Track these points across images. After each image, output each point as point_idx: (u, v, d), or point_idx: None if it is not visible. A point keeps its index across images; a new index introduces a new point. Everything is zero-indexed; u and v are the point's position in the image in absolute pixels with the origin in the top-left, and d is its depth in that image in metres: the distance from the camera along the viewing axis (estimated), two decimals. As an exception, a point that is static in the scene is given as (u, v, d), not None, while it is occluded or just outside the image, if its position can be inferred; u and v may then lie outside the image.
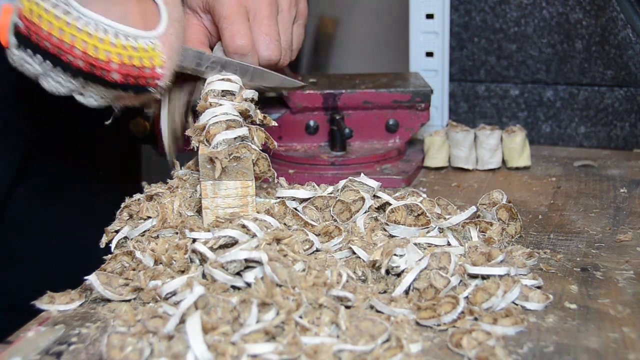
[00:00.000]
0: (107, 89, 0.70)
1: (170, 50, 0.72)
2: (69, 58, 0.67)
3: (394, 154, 0.99)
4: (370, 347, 0.56)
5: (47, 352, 0.58)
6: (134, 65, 0.69)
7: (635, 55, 1.05)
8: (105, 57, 0.68)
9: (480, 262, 0.66)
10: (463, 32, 1.13)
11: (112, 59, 0.68)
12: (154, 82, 0.71)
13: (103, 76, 0.69)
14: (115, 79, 0.69)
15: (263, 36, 0.80)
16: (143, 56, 0.69)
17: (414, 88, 1.00)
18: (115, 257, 0.70)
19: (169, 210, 0.74)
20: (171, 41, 0.72)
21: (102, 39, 0.68)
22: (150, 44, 0.70)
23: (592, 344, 0.58)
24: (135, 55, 0.69)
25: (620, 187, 0.93)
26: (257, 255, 0.62)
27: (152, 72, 0.70)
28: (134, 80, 0.70)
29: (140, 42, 0.69)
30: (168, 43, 0.71)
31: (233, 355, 0.54)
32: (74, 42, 0.67)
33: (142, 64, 0.69)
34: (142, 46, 0.69)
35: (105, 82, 0.69)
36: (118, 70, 0.69)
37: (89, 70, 0.68)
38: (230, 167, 0.70)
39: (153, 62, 0.70)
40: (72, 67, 0.68)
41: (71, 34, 0.67)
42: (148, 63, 0.70)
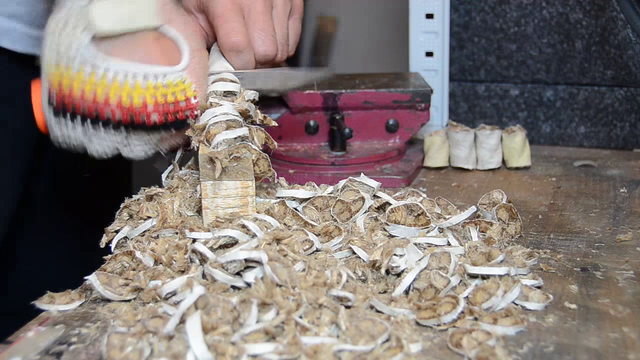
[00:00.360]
0: (150, 133, 0.71)
1: (199, 79, 0.73)
2: (107, 114, 0.69)
3: (394, 154, 0.99)
4: (370, 347, 0.56)
5: (47, 352, 0.58)
6: (169, 102, 0.70)
7: (635, 55, 1.05)
8: (141, 102, 0.69)
9: (480, 262, 0.66)
10: (463, 32, 1.13)
11: (148, 102, 0.69)
12: (192, 112, 0.72)
13: (143, 122, 0.70)
14: (155, 120, 0.70)
15: (258, 32, 0.80)
16: (175, 91, 0.71)
17: (414, 88, 1.00)
18: (115, 257, 0.70)
19: (169, 210, 0.74)
20: (197, 70, 0.73)
21: (132, 85, 0.69)
22: (179, 77, 0.71)
23: (592, 344, 0.58)
24: (168, 92, 0.70)
25: (620, 187, 0.93)
26: (257, 255, 0.62)
27: (187, 104, 0.71)
28: (172, 117, 0.71)
29: (169, 78, 0.70)
30: (194, 72, 0.72)
31: (233, 355, 0.54)
32: (108, 97, 0.68)
33: (176, 99, 0.71)
34: (171, 82, 0.70)
35: (147, 127, 0.70)
36: (156, 111, 0.70)
37: (128, 120, 0.69)
38: (230, 167, 0.70)
39: (186, 94, 0.71)
40: (112, 122, 0.69)
41: (103, 89, 0.68)
42: (181, 96, 0.71)
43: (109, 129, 0.69)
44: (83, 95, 0.68)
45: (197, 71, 0.73)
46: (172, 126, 0.71)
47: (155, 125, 0.70)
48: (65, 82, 0.68)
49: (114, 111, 0.69)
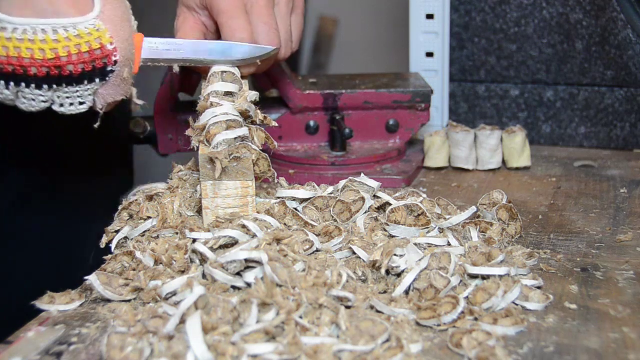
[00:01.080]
0: (73, 85, 0.71)
1: (114, 24, 0.72)
2: (23, 70, 0.69)
3: (394, 154, 0.99)
4: (370, 347, 0.56)
5: (47, 352, 0.58)
6: (83, 51, 0.70)
7: (635, 55, 1.05)
8: (53, 55, 0.69)
9: (480, 262, 0.66)
10: (463, 32, 1.13)
11: (60, 54, 0.69)
12: (110, 59, 0.71)
13: (59, 74, 0.70)
14: (72, 70, 0.70)
15: (261, 25, 0.81)
16: (89, 40, 0.70)
17: (414, 88, 1.00)
18: (115, 257, 0.70)
19: (169, 210, 0.74)
20: (112, 16, 0.72)
21: (43, 39, 0.69)
22: (91, 26, 0.70)
23: (592, 344, 0.58)
24: (81, 42, 0.70)
25: (620, 187, 0.93)
26: (257, 255, 0.62)
27: (102, 51, 0.71)
28: (89, 67, 0.70)
29: (80, 28, 0.70)
30: (109, 18, 0.71)
31: (233, 355, 0.54)
32: (20, 53, 0.68)
33: (91, 47, 0.70)
34: (83, 31, 0.70)
35: (66, 79, 0.70)
36: (70, 62, 0.70)
37: (44, 74, 0.69)
38: (230, 167, 0.70)
39: (101, 41, 0.71)
40: (29, 77, 0.69)
41: (14, 46, 0.68)
42: (96, 44, 0.70)
43: (30, 86, 0.70)
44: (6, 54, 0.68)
45: (111, 17, 0.72)
46: (92, 76, 0.71)
47: (74, 76, 0.70)
48: None
49: (29, 66, 0.69)
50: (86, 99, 0.73)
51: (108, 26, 0.71)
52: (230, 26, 0.80)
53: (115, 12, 0.72)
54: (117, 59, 0.72)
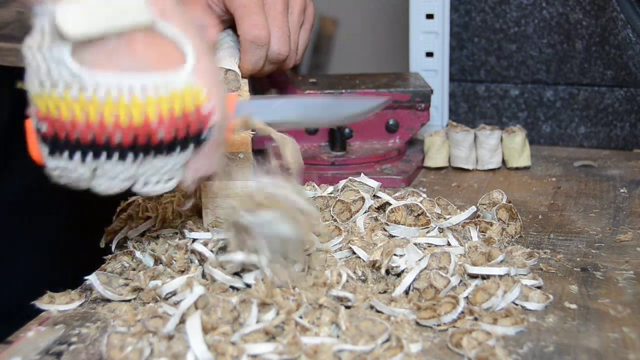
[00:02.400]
0: (161, 157, 0.58)
1: (210, 80, 0.59)
2: (105, 138, 0.56)
3: (394, 154, 0.99)
4: (370, 347, 0.56)
5: (47, 352, 0.58)
6: (176, 116, 0.57)
7: (635, 55, 1.05)
8: (142, 120, 0.56)
9: (480, 262, 0.66)
10: (463, 32, 1.13)
11: (150, 118, 0.56)
12: (206, 122, 0.58)
13: (149, 142, 0.57)
14: (162, 138, 0.57)
15: (276, 30, 0.81)
16: (183, 101, 0.57)
17: (414, 88, 1.00)
18: (115, 257, 0.70)
19: (169, 210, 0.74)
20: (206, 72, 0.59)
21: (129, 101, 0.55)
22: (185, 83, 0.57)
23: (592, 344, 0.58)
24: (174, 104, 0.56)
25: (620, 187, 0.93)
26: (255, 259, 0.62)
27: (198, 112, 0.58)
28: (183, 133, 0.57)
29: (172, 87, 0.56)
30: (204, 75, 0.58)
31: (233, 355, 0.54)
32: (103, 117, 0.55)
33: (185, 110, 0.57)
34: (176, 90, 0.56)
35: (155, 149, 0.57)
36: (161, 128, 0.56)
37: (130, 143, 0.56)
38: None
39: (196, 102, 0.57)
40: (111, 147, 0.56)
41: (95, 110, 0.55)
42: (191, 106, 0.57)
43: (112, 157, 0.57)
44: (74, 118, 0.55)
45: (206, 74, 0.58)
46: (184, 144, 0.58)
47: (164, 145, 0.57)
48: (52, 106, 0.55)
49: (113, 133, 0.56)
50: (175, 174, 0.60)
51: (203, 84, 0.58)
52: (250, 21, 0.79)
53: (210, 67, 0.60)
54: (214, 123, 0.59)
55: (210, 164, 0.61)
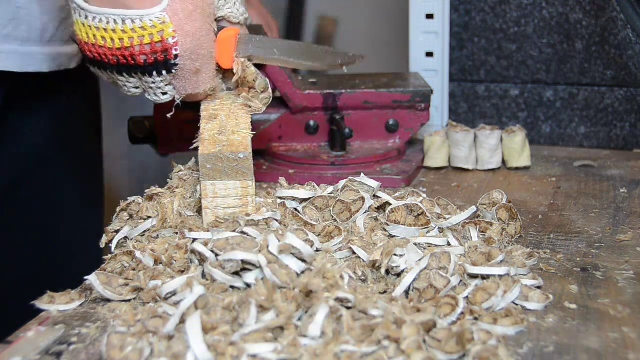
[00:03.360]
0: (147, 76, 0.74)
1: (181, 19, 0.73)
2: (99, 57, 0.74)
3: (394, 154, 0.99)
4: (371, 348, 0.56)
5: (47, 352, 0.58)
6: (145, 44, 0.72)
7: (635, 55, 1.05)
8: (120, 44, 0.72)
9: (480, 262, 0.66)
10: (463, 32, 1.13)
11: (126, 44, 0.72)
12: (170, 52, 0.73)
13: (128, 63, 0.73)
14: (136, 60, 0.73)
15: None
16: (152, 32, 0.72)
17: (414, 88, 1.00)
18: (115, 257, 0.70)
19: (169, 210, 0.74)
20: (178, 10, 0.73)
21: (114, 29, 0.72)
22: (155, 19, 0.72)
23: (592, 344, 0.58)
24: (145, 34, 0.72)
25: (620, 187, 0.93)
26: (254, 258, 0.62)
27: (163, 44, 0.72)
28: (152, 59, 0.73)
29: (145, 21, 0.72)
30: (175, 12, 0.73)
31: (233, 355, 0.54)
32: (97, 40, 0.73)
33: (152, 40, 0.72)
34: (147, 24, 0.72)
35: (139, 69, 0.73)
36: (134, 53, 0.73)
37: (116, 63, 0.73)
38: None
39: (162, 35, 0.72)
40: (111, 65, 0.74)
41: (93, 34, 0.73)
42: (157, 37, 0.72)
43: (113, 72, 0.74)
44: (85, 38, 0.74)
45: (178, 11, 0.73)
46: (158, 68, 0.74)
47: (142, 66, 0.73)
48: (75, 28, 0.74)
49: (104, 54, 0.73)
50: (166, 89, 0.76)
51: (174, 19, 0.73)
52: None
53: (184, 5, 0.73)
54: (177, 53, 0.73)
55: (193, 86, 0.76)
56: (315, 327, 0.57)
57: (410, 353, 0.55)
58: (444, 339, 0.56)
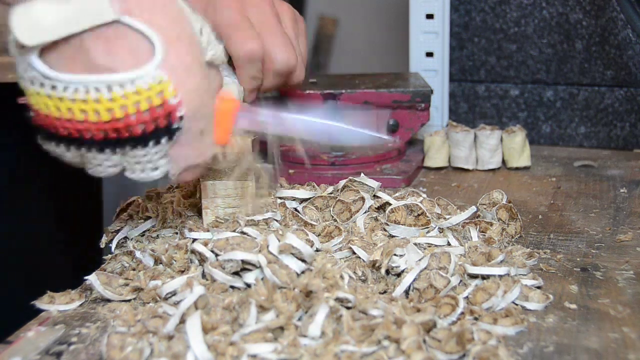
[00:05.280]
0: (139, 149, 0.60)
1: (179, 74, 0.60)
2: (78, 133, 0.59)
3: (394, 154, 0.99)
4: (371, 348, 0.56)
5: (47, 352, 0.58)
6: (143, 111, 0.58)
7: (635, 55, 1.05)
8: (109, 117, 0.58)
9: (480, 262, 0.66)
10: (463, 32, 1.13)
11: (116, 115, 0.58)
12: (174, 115, 0.59)
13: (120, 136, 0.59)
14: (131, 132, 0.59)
15: (275, 39, 0.74)
16: (150, 95, 0.58)
17: (414, 88, 1.00)
18: (115, 257, 0.70)
19: (169, 210, 0.74)
20: (175, 64, 0.59)
21: (97, 99, 0.57)
22: (152, 79, 0.58)
23: (592, 344, 0.58)
24: (141, 100, 0.58)
25: (620, 187, 0.93)
26: (254, 258, 0.62)
27: (165, 106, 0.59)
28: (152, 126, 0.59)
29: (139, 84, 0.58)
30: (173, 68, 0.59)
31: (233, 355, 0.54)
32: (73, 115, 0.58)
33: (152, 104, 0.58)
34: (141, 87, 0.58)
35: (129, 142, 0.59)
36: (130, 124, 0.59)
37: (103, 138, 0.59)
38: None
39: (163, 96, 0.59)
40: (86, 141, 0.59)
41: (67, 107, 0.58)
42: (157, 100, 0.58)
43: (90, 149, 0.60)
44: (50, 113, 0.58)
45: (176, 65, 0.59)
46: (156, 136, 0.60)
47: (135, 138, 0.59)
48: (31, 99, 0.59)
49: (84, 130, 0.58)
50: (158, 164, 0.61)
51: (172, 77, 0.59)
52: (237, 37, 0.72)
53: (181, 58, 0.60)
54: (182, 115, 0.60)
55: (194, 154, 0.63)
56: (315, 327, 0.57)
57: (410, 353, 0.55)
58: (444, 339, 0.56)
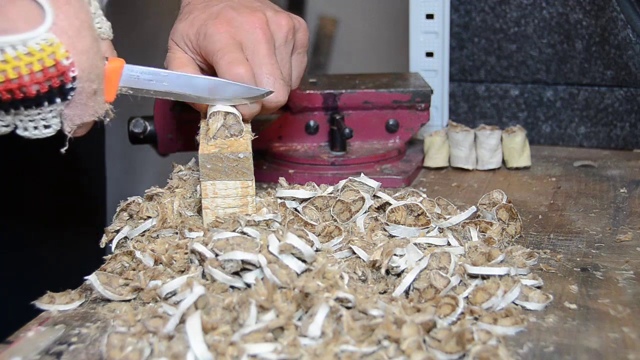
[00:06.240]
0: (34, 109, 0.63)
1: (71, 36, 0.63)
2: None
3: (394, 154, 0.99)
4: (371, 348, 0.56)
5: (47, 352, 0.58)
6: (36, 71, 0.62)
7: (635, 55, 1.05)
8: (2, 77, 0.61)
9: (480, 262, 0.66)
10: (463, 32, 1.13)
11: (9, 76, 0.61)
12: (67, 75, 0.63)
13: (15, 97, 0.62)
14: (25, 92, 0.62)
15: (267, 77, 0.75)
16: (42, 57, 0.62)
17: (414, 88, 1.00)
18: (115, 257, 0.70)
19: (169, 210, 0.74)
20: (65, 27, 0.63)
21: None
22: (43, 41, 0.61)
23: (592, 344, 0.58)
24: (33, 61, 0.61)
25: (620, 187, 0.93)
26: (254, 258, 0.62)
27: (58, 67, 0.62)
28: (46, 87, 0.62)
29: (30, 45, 0.61)
30: (63, 30, 0.63)
31: (233, 355, 0.54)
32: None
33: (44, 65, 0.62)
34: (34, 48, 0.61)
35: (24, 103, 0.63)
36: (23, 84, 0.62)
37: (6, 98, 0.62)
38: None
39: (55, 57, 0.62)
40: None
41: None
42: (50, 61, 0.62)
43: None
44: None
45: (66, 28, 0.63)
46: (51, 96, 0.63)
47: (30, 99, 0.62)
48: None
49: None
50: (51, 122, 0.65)
51: (63, 39, 0.63)
52: (226, 60, 0.74)
53: (71, 21, 0.63)
54: (75, 75, 0.63)
55: (89, 113, 0.66)
56: (315, 327, 0.57)
57: (410, 353, 0.55)
58: (444, 339, 0.56)
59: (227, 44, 0.75)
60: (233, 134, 0.73)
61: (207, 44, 0.75)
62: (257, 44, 0.76)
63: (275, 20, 0.79)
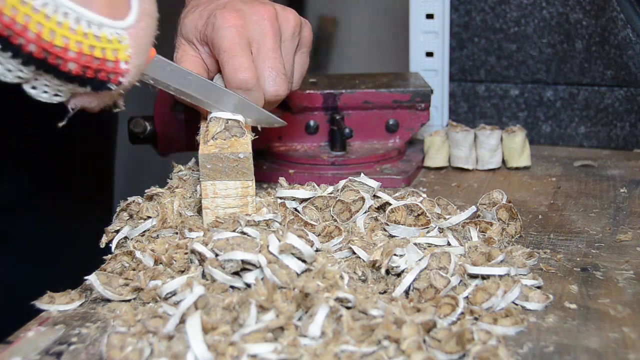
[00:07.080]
0: (62, 81, 0.62)
1: (138, 45, 0.64)
2: (20, 41, 0.58)
3: (394, 154, 0.99)
4: (371, 348, 0.56)
5: (47, 352, 0.58)
6: (95, 57, 0.61)
7: (635, 55, 1.05)
8: (62, 44, 0.59)
9: (480, 262, 0.66)
10: (463, 32, 1.13)
11: (70, 47, 0.60)
12: (116, 78, 0.63)
13: (58, 65, 0.60)
14: (72, 69, 0.61)
15: (269, 70, 0.75)
16: (106, 47, 0.61)
17: (414, 88, 1.00)
18: (115, 257, 0.70)
19: (169, 210, 0.74)
20: (140, 36, 0.64)
21: (60, 23, 0.59)
22: (116, 35, 0.62)
23: (592, 344, 0.58)
24: (97, 46, 0.61)
25: (620, 187, 0.93)
26: (254, 258, 0.62)
27: (115, 66, 0.62)
28: (92, 74, 0.62)
29: (105, 31, 0.61)
30: (136, 37, 0.64)
31: (233, 355, 0.54)
32: (28, 23, 0.58)
33: (105, 56, 0.61)
34: (105, 36, 0.61)
35: (59, 73, 0.61)
36: (76, 60, 0.60)
37: (41, 57, 0.59)
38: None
39: (117, 55, 0.62)
40: (22, 52, 0.59)
41: (25, 13, 0.58)
42: (111, 56, 0.62)
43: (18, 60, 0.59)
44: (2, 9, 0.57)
45: (139, 36, 0.64)
46: (89, 84, 0.62)
47: (70, 75, 0.61)
48: None
49: (29, 41, 0.58)
50: (63, 95, 0.64)
51: (132, 43, 0.63)
52: (232, 65, 0.74)
53: (145, 32, 0.64)
54: (122, 81, 0.63)
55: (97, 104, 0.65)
56: (315, 327, 0.57)
57: (410, 353, 0.55)
58: (444, 339, 0.56)
59: (234, 43, 0.74)
60: (233, 134, 0.73)
61: (215, 37, 0.75)
62: (264, 36, 0.76)
63: (284, 14, 0.79)
